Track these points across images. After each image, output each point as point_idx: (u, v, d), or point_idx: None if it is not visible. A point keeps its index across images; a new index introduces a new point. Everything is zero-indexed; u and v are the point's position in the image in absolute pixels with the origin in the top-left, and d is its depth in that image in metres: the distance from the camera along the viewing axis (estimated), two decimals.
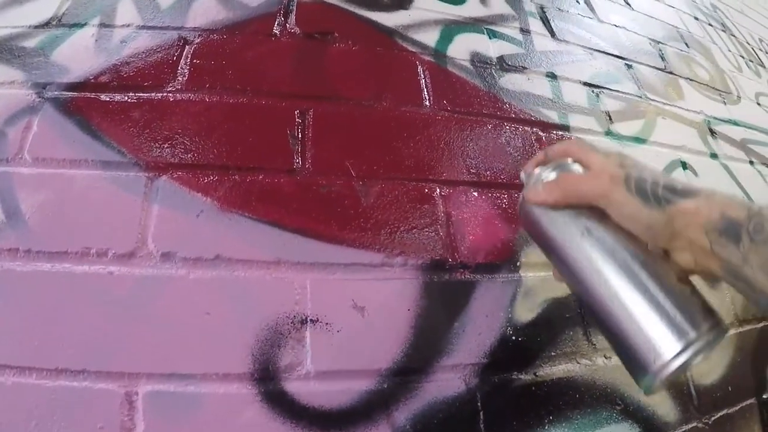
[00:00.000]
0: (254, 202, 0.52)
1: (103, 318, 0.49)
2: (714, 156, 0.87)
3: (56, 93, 0.60)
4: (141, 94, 0.58)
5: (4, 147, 0.57)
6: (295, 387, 0.48)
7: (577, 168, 0.40)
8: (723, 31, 1.26)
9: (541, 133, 0.68)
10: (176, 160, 0.54)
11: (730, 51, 1.20)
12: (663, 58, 0.98)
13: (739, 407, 0.67)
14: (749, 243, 0.30)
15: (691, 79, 0.98)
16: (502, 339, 0.55)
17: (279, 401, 0.48)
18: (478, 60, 0.73)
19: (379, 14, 0.72)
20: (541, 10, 0.88)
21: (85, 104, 0.58)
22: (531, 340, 0.56)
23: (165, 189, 0.53)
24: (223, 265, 0.50)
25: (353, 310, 0.51)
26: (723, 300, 0.72)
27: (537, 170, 0.41)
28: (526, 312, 0.57)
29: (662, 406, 0.61)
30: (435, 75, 0.67)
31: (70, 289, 0.50)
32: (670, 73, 0.95)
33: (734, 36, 1.29)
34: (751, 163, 0.94)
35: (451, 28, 0.75)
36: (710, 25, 1.22)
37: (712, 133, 0.91)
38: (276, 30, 0.63)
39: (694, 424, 0.62)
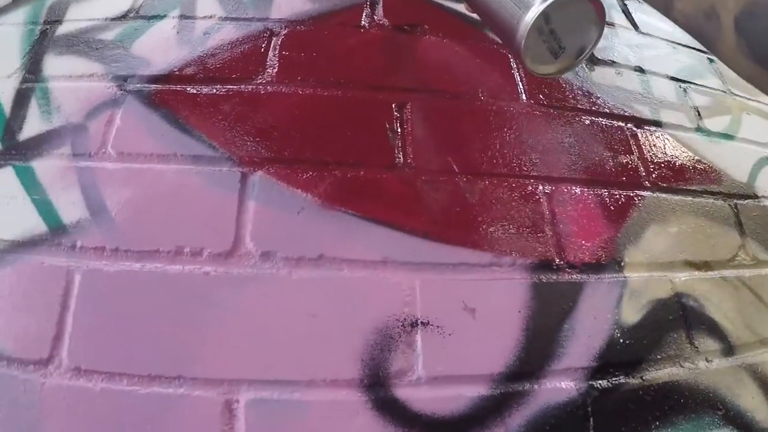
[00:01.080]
0: (356, 199, 0.50)
1: (199, 321, 0.47)
2: None
3: (139, 85, 0.58)
4: (230, 86, 0.55)
5: (86, 141, 0.55)
6: (407, 393, 0.45)
7: None
8: None
9: (635, 129, 0.65)
10: (272, 155, 0.52)
11: None
12: None
13: None
14: None
15: None
16: (610, 342, 0.52)
17: (390, 408, 0.45)
18: None
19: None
20: (623, 2, 0.84)
21: (171, 97, 0.56)
22: (637, 342, 0.53)
23: (261, 185, 0.50)
24: (327, 265, 0.48)
25: (464, 312, 0.48)
26: None
27: None
28: (632, 314, 0.54)
29: (760, 410, 0.58)
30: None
31: (163, 290, 0.48)
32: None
33: None
34: None
35: None
36: None
37: None
38: (364, 21, 0.61)
39: None
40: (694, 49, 0.82)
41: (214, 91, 0.56)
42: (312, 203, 0.49)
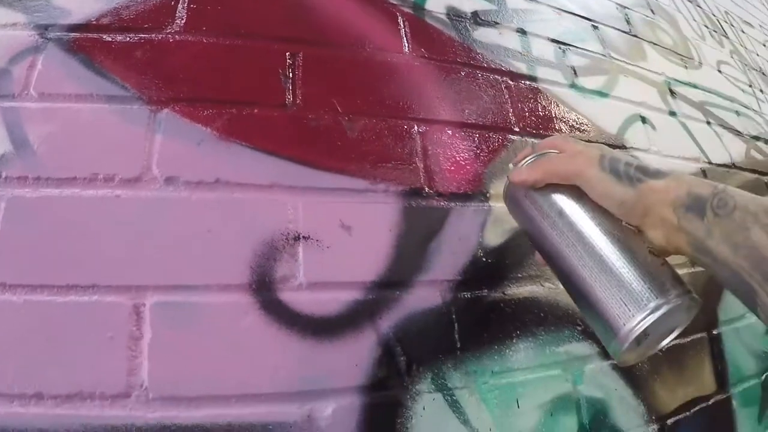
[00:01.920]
0: (250, 133, 0.58)
1: (111, 237, 0.54)
2: (673, 114, 0.95)
3: (59, 34, 0.63)
4: (142, 35, 0.61)
5: (9, 84, 0.60)
6: (289, 296, 0.54)
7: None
8: (689, 1, 1.33)
9: (510, 82, 0.74)
10: (177, 95, 0.58)
11: (694, 20, 1.27)
12: (629, 22, 1.05)
13: (690, 339, 0.76)
14: (713, 217, 0.32)
15: (654, 43, 1.05)
16: (473, 260, 0.62)
17: (275, 309, 0.54)
18: (454, 14, 0.78)
19: None
20: None
21: (89, 44, 0.62)
22: (499, 262, 0.63)
23: (167, 120, 0.57)
24: (222, 188, 0.56)
25: (341, 229, 0.57)
26: None
27: (524, 157, 0.45)
28: (495, 237, 0.64)
29: None
30: (414, 25, 0.73)
31: (79, 212, 0.55)
32: (635, 36, 1.02)
33: (700, 6, 1.37)
34: (708, 123, 1.02)
35: None
36: None
37: (672, 93, 0.99)
38: None
39: None
40: (579, 16, 0.92)
41: (128, 39, 0.62)
42: (211, 136, 0.57)
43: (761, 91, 1.30)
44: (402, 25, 0.70)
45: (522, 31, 0.83)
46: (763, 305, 0.31)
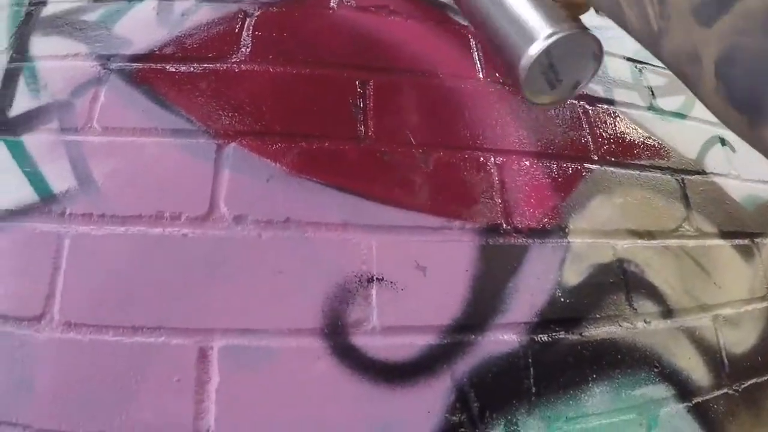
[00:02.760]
0: (321, 168, 0.55)
1: (177, 278, 0.52)
2: None
3: (121, 64, 0.62)
4: (206, 65, 0.60)
5: (73, 117, 0.60)
6: (363, 341, 0.51)
7: None
8: None
9: (588, 107, 0.69)
10: (244, 128, 0.56)
11: None
12: None
13: (767, 378, 0.70)
14: None
15: None
16: (551, 300, 0.57)
17: (347, 354, 0.50)
18: None
19: None
20: None
21: (152, 75, 0.61)
22: (578, 302, 0.59)
23: (235, 155, 0.55)
24: (293, 227, 0.53)
25: (416, 270, 0.53)
26: (756, 274, 0.74)
27: None
28: (573, 276, 0.60)
29: (696, 371, 0.64)
30: (486, 49, 0.69)
31: (144, 250, 0.53)
32: None
33: None
34: None
35: None
36: None
37: None
38: (333, 3, 0.65)
39: (725, 391, 0.64)
40: None
41: (192, 69, 0.60)
42: (280, 171, 0.54)
43: None
44: (474, 48, 0.67)
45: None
46: (627, 16, 0.36)
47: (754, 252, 0.74)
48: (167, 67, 0.61)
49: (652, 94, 0.77)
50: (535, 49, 0.40)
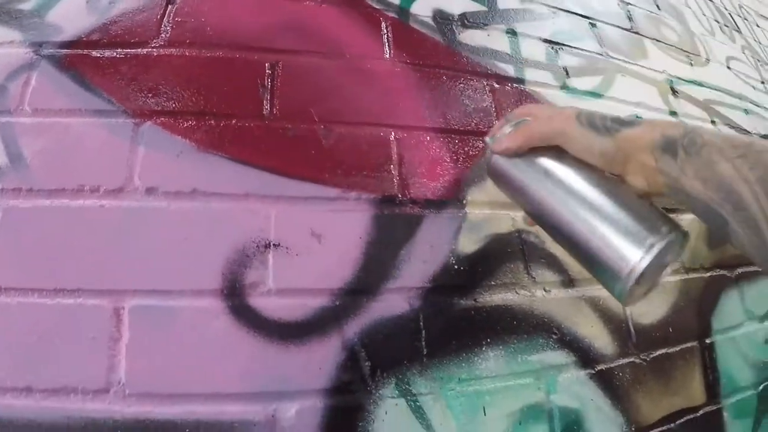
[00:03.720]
0: (227, 144, 0.59)
1: (95, 245, 0.57)
2: (674, 114, 0.92)
3: (52, 51, 0.66)
4: (128, 50, 0.64)
5: (6, 100, 0.64)
6: (259, 302, 0.56)
7: None
8: None
9: (496, 85, 0.73)
10: (159, 108, 0.61)
11: (704, 15, 1.22)
12: (630, 19, 1.01)
13: (679, 348, 0.74)
14: (684, 155, 0.35)
15: (657, 40, 1.01)
16: (445, 267, 0.62)
17: (244, 314, 0.56)
18: (440, 16, 0.78)
19: None
20: None
21: (79, 60, 0.65)
22: (472, 269, 0.63)
23: (149, 133, 0.60)
24: (199, 198, 0.58)
25: (311, 237, 0.58)
26: None
27: (499, 129, 0.45)
28: (469, 244, 0.64)
29: (599, 339, 0.68)
30: (397, 30, 0.73)
31: (67, 221, 0.58)
32: (636, 33, 0.99)
33: (711, 0, 1.30)
34: (713, 122, 0.98)
35: None
36: None
37: (674, 92, 0.95)
38: None
39: (632, 360, 0.69)
40: (575, 14, 0.89)
41: (115, 54, 0.65)
42: (189, 147, 0.59)
43: None
44: (385, 30, 0.71)
45: (512, 32, 0.82)
46: (734, 233, 0.33)
47: None
48: (92, 53, 0.65)
49: (567, 74, 0.81)
50: (638, 268, 0.36)
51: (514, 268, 0.65)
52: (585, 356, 0.64)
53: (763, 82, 1.22)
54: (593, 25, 0.93)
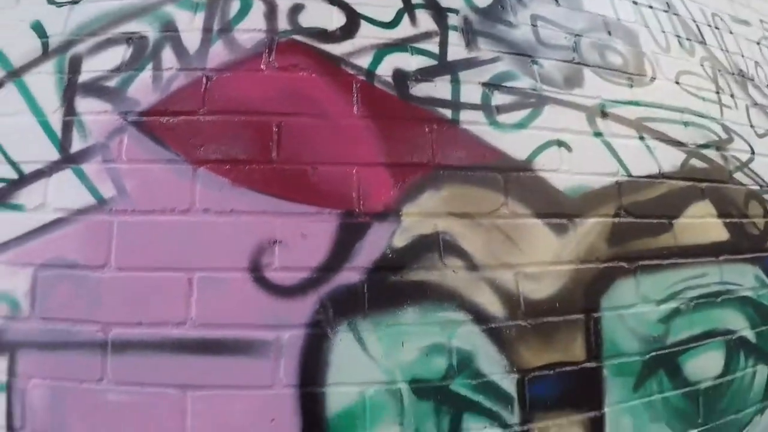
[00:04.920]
0: (250, 180, 1.25)
1: (174, 242, 1.25)
2: (598, 134, 1.46)
3: (134, 118, 1.33)
4: (184, 117, 1.30)
5: (110, 153, 1.33)
6: (271, 274, 1.21)
7: None
8: (665, 11, 1.75)
9: (435, 126, 1.33)
10: (207, 158, 1.27)
11: (663, 31, 1.70)
12: (574, 50, 1.55)
13: (563, 318, 1.31)
14: None
15: (600, 67, 1.54)
16: (383, 255, 1.24)
17: (262, 281, 1.21)
18: (398, 75, 1.38)
19: (330, 45, 1.39)
20: (465, 21, 1.49)
21: (153, 125, 1.32)
22: (402, 257, 1.25)
23: (202, 174, 1.26)
24: (234, 215, 1.23)
25: (301, 237, 1.22)
26: (566, 245, 1.34)
27: None
28: (401, 241, 1.25)
29: (493, 306, 1.26)
30: (363, 90, 1.34)
31: (156, 229, 1.26)
32: (578, 63, 1.53)
33: (677, 14, 1.78)
34: (641, 138, 1.52)
35: (382, 51, 1.39)
36: (650, 7, 1.73)
37: (605, 114, 1.49)
38: (263, 65, 1.33)
39: (519, 322, 1.27)
40: (518, 54, 1.46)
41: (177, 120, 1.31)
42: (228, 183, 1.24)
43: (732, 96, 1.72)
44: (354, 92, 1.33)
45: (456, 80, 1.40)
46: None
47: (569, 228, 1.34)
48: (161, 120, 1.32)
49: (497, 111, 1.38)
50: None
51: (432, 257, 1.26)
52: (479, 317, 1.24)
53: (717, 92, 1.70)
54: (534, 62, 1.49)
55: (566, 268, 1.33)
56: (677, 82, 1.67)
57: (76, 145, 1.32)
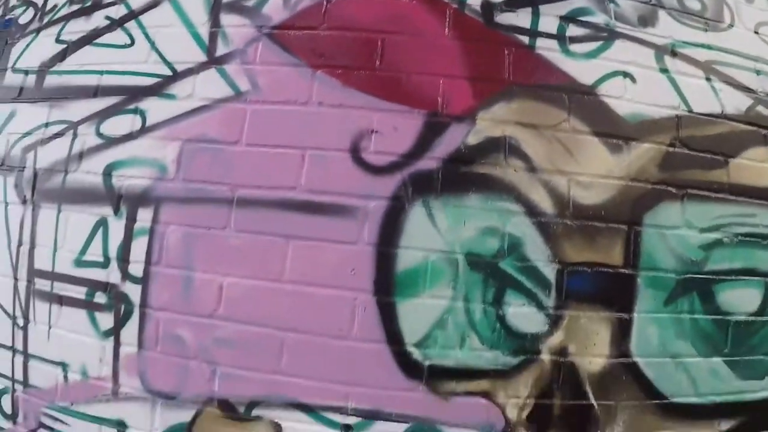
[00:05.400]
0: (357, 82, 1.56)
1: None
2: (664, 71, 1.61)
3: (267, 30, 1.68)
4: (309, 31, 1.63)
5: (246, 56, 1.68)
6: (367, 156, 1.52)
7: None
8: None
9: (513, 50, 1.56)
10: (325, 63, 1.59)
11: None
12: None
13: (606, 226, 1.52)
14: None
15: (676, 10, 1.67)
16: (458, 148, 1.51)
17: (360, 162, 1.53)
18: (486, 4, 1.62)
19: None
20: None
21: (281, 36, 1.66)
22: (471, 152, 1.50)
23: (320, 77, 1.58)
24: (342, 108, 1.56)
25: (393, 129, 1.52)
26: (620, 163, 1.53)
27: None
28: (475, 140, 1.51)
29: (544, 202, 1.49)
30: (455, 17, 1.59)
31: (280, 118, 1.61)
32: (654, 5, 1.66)
33: None
34: (708, 79, 1.63)
35: None
36: None
37: (674, 53, 1.63)
38: None
39: (566, 221, 1.49)
40: None
41: (300, 33, 1.63)
42: (338, 84, 1.56)
43: None
44: (447, 17, 1.59)
45: (536, 12, 1.60)
46: None
47: (623, 149, 1.53)
48: (288, 32, 1.64)
49: (570, 41, 1.58)
50: None
51: (497, 156, 1.50)
52: (532, 211, 1.48)
53: None
54: (611, 1, 1.65)
55: (616, 182, 1.52)
56: (756, 32, 1.75)
57: (220, 50, 1.69)
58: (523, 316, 1.48)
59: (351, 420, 1.47)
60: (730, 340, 1.60)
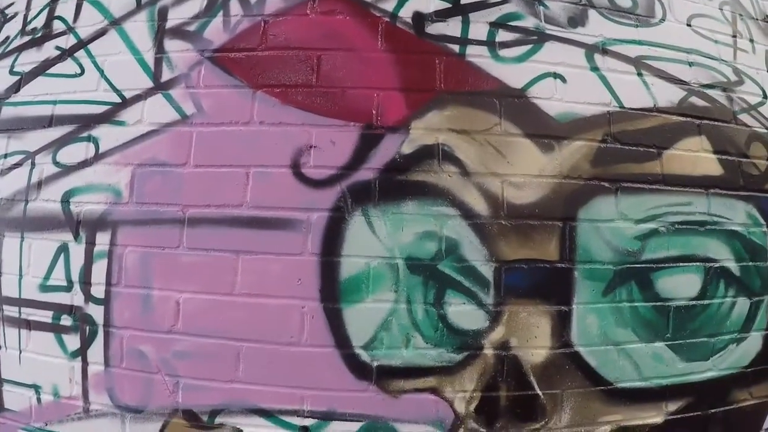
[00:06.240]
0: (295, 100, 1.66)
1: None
2: (594, 69, 1.68)
3: (209, 54, 1.77)
4: (247, 53, 1.73)
5: (191, 80, 1.78)
6: (306, 171, 1.63)
7: None
8: None
9: (444, 58, 1.65)
10: (266, 83, 1.69)
11: None
12: None
13: (540, 223, 1.60)
14: None
15: (607, 8, 1.75)
16: (393, 156, 1.60)
17: (300, 177, 1.63)
18: (417, 16, 1.70)
19: None
20: None
21: (222, 59, 1.75)
22: (407, 160, 1.60)
23: (260, 96, 1.68)
24: (281, 126, 1.65)
25: (330, 143, 1.62)
26: (552, 161, 1.63)
27: None
28: (408, 149, 1.60)
29: (478, 206, 1.59)
30: (387, 30, 1.68)
31: (229, 137, 1.71)
32: (584, 5, 1.73)
33: None
34: (639, 74, 1.71)
35: None
36: None
37: (604, 51, 1.71)
38: (308, 11, 1.72)
39: (500, 221, 1.58)
40: None
41: (240, 55, 1.73)
42: (277, 102, 1.65)
43: (751, 41, 1.86)
44: (379, 31, 1.68)
45: (466, 20, 1.69)
46: None
47: (555, 148, 1.61)
48: (229, 55, 1.74)
49: (500, 46, 1.66)
50: None
51: (432, 162, 1.60)
52: (467, 213, 1.56)
53: (734, 36, 1.83)
54: (541, 4, 1.72)
55: (549, 181, 1.60)
56: (689, 25, 1.82)
57: (166, 75, 1.77)
58: (464, 314, 1.58)
59: (308, 422, 1.58)
60: (672, 325, 1.69)
